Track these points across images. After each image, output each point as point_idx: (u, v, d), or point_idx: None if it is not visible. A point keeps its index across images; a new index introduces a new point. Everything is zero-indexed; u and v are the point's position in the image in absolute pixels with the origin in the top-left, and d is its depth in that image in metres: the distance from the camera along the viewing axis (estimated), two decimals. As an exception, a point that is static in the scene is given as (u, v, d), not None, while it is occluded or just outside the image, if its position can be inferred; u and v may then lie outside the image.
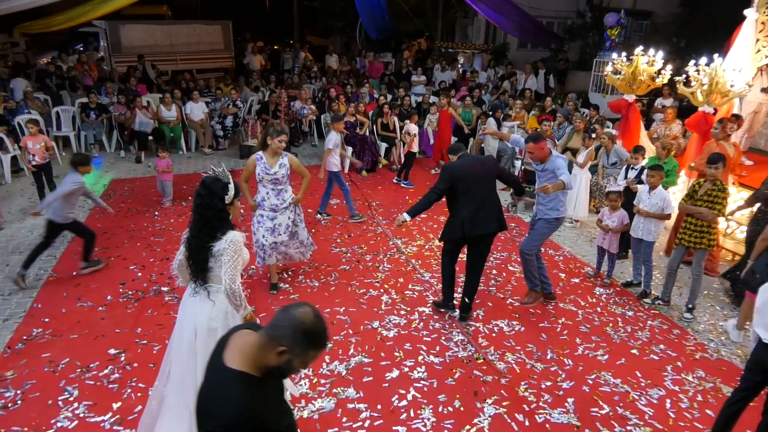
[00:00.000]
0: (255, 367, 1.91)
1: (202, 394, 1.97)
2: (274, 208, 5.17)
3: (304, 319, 1.90)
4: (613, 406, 3.99)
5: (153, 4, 18.81)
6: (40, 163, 7.17)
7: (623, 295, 5.69)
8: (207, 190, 3.05)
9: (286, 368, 1.93)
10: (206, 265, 3.06)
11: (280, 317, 1.93)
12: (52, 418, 3.64)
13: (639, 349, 4.72)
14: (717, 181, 4.98)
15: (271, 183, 5.10)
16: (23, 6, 9.99)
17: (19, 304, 5.08)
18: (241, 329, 2.06)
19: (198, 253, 3.05)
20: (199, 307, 3.11)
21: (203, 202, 3.04)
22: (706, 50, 7.19)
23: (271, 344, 1.89)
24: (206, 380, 2.01)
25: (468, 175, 4.71)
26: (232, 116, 11.08)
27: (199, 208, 3.05)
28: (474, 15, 19.61)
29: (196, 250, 3.06)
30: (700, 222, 5.04)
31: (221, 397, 1.87)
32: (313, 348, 1.93)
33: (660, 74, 7.31)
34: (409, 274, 5.99)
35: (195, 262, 3.07)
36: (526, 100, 11.26)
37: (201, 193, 3.06)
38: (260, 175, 5.06)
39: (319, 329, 1.93)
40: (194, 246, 3.07)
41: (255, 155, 5.08)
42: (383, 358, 4.44)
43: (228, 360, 1.93)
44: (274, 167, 5.04)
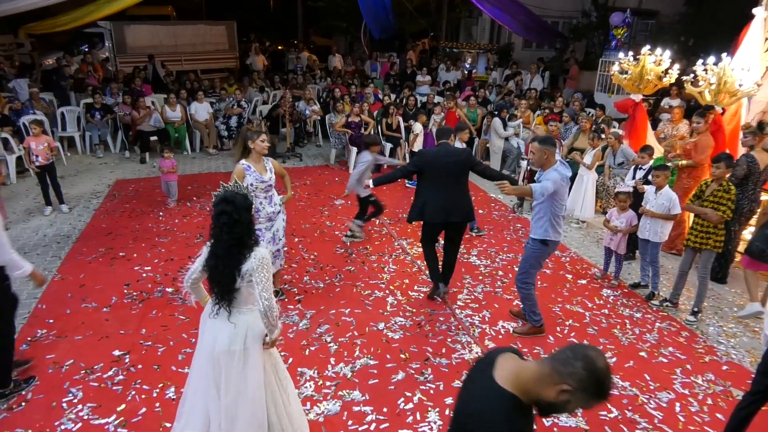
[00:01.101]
0: (525, 395, 1.81)
1: (468, 404, 1.89)
2: (271, 216, 4.88)
3: (599, 365, 1.75)
4: (622, 410, 3.94)
5: (158, 4, 18.83)
6: (43, 163, 7.15)
7: (631, 297, 5.64)
8: (232, 206, 2.82)
9: (560, 407, 1.80)
10: (234, 287, 2.88)
11: (570, 355, 1.78)
12: (56, 421, 3.62)
13: (647, 351, 4.67)
14: (723, 181, 4.93)
15: (264, 191, 4.76)
16: (29, 6, 10.00)
17: (24, 305, 5.05)
18: (504, 352, 1.93)
19: (226, 277, 2.85)
20: (219, 330, 2.95)
21: (231, 219, 2.80)
22: (713, 49, 7.13)
23: (552, 379, 1.76)
24: (472, 393, 1.91)
25: (439, 164, 5.00)
26: (236, 116, 11.07)
27: (227, 227, 2.81)
28: (479, 15, 19.57)
29: (224, 274, 2.86)
30: (706, 223, 4.98)
31: (487, 414, 1.79)
32: (597, 398, 1.78)
33: (667, 74, 7.24)
34: (415, 275, 5.95)
35: (222, 285, 2.88)
36: (531, 100, 11.22)
37: (227, 210, 2.81)
38: (254, 186, 4.64)
39: (609, 379, 1.79)
40: (222, 269, 2.85)
41: (241, 165, 4.61)
42: (389, 360, 4.41)
43: (500, 379, 1.82)
44: (265, 174, 4.71)
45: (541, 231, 4.47)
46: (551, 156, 4.37)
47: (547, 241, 4.47)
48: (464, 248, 6.64)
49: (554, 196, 4.34)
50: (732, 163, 5.09)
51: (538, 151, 4.37)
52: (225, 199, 2.84)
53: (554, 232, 4.47)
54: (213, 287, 2.93)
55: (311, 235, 6.92)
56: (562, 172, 4.32)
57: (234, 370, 2.94)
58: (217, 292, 2.91)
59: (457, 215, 5.05)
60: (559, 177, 4.30)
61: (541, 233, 4.47)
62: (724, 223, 4.96)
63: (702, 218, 5.00)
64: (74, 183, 8.63)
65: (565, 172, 4.35)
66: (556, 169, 4.32)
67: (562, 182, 4.32)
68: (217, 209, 2.84)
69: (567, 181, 4.40)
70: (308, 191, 8.60)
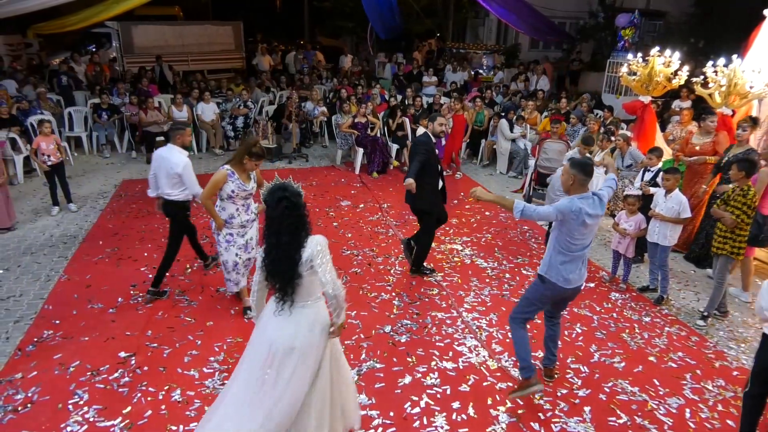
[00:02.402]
0: None
1: None
2: (245, 224, 4.75)
3: None
4: (631, 416, 3.90)
5: (165, 4, 18.90)
6: (54, 162, 7.22)
7: (639, 301, 5.59)
8: (288, 191, 2.91)
9: None
10: (296, 275, 2.90)
11: None
12: (61, 423, 3.61)
13: (657, 356, 4.63)
14: (744, 185, 4.85)
15: (243, 198, 4.67)
16: (38, 6, 10.03)
17: (30, 306, 5.07)
18: None
19: (288, 265, 2.89)
20: (281, 327, 2.98)
21: (290, 204, 2.88)
22: (723, 51, 7.06)
23: None
24: None
25: (431, 149, 5.51)
26: (243, 117, 11.07)
27: (288, 210, 2.87)
28: (485, 15, 19.52)
29: (285, 264, 2.89)
30: (725, 227, 4.93)
31: None
32: None
33: (676, 75, 7.19)
34: (421, 277, 5.92)
35: (284, 276, 2.91)
36: (539, 101, 11.16)
37: (285, 196, 2.89)
38: (234, 193, 4.56)
39: None
40: (282, 257, 2.89)
41: (224, 170, 4.52)
42: (395, 364, 4.38)
43: None
44: (248, 183, 4.63)
45: (542, 263, 3.89)
46: (577, 184, 3.67)
47: (543, 278, 3.83)
48: (470, 251, 6.63)
49: (561, 229, 3.70)
50: (753, 171, 5.01)
51: (565, 173, 3.72)
52: (279, 188, 2.92)
53: (554, 271, 3.76)
54: (275, 281, 2.95)
55: (317, 236, 6.89)
56: (578, 205, 3.58)
57: (288, 368, 2.96)
58: (280, 286, 2.93)
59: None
60: (570, 208, 3.58)
61: (541, 266, 3.88)
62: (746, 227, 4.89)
63: (722, 222, 4.94)
64: (81, 183, 8.64)
65: (583, 206, 3.58)
66: (574, 199, 3.63)
67: (572, 215, 3.58)
68: (274, 197, 2.89)
69: (584, 217, 3.58)
70: (314, 192, 8.58)
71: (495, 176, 10.02)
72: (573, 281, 3.78)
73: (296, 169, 9.94)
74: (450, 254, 6.50)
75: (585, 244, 3.75)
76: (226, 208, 4.66)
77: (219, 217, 4.66)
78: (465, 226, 7.44)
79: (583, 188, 3.68)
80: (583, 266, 3.83)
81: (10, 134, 8.45)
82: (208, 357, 4.36)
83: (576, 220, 3.60)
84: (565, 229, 3.68)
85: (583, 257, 3.81)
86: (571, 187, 3.70)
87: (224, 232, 4.71)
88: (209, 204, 4.61)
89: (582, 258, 3.79)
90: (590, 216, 3.63)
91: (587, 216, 3.61)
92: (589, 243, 3.78)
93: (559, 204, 3.63)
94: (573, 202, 3.59)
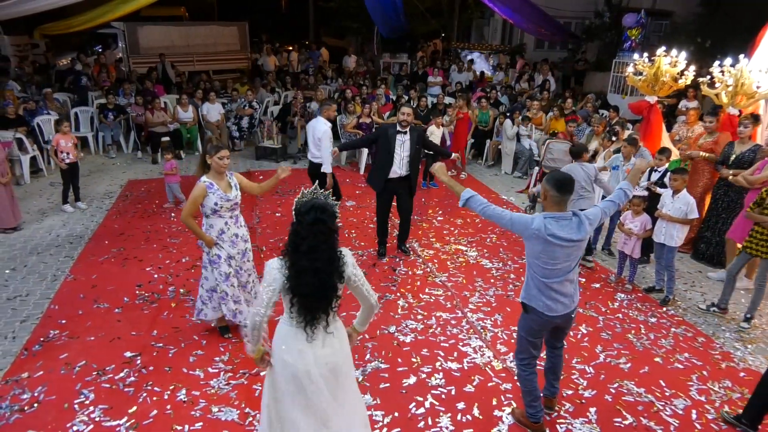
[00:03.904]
0: None
1: None
2: (234, 241, 4.36)
3: None
4: (637, 417, 3.88)
5: (170, 5, 18.95)
6: (72, 160, 7.33)
7: (645, 301, 5.57)
8: (324, 212, 2.58)
9: None
10: (338, 297, 2.71)
11: None
12: (68, 422, 3.62)
13: (663, 357, 4.60)
14: None
15: (230, 210, 4.28)
16: (45, 6, 10.07)
17: (37, 306, 5.09)
18: None
19: (332, 289, 2.65)
20: (317, 349, 2.69)
21: (327, 228, 2.60)
22: (730, 51, 7.03)
23: None
24: None
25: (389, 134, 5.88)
26: (248, 117, 11.10)
27: (324, 236, 2.58)
28: (490, 15, 19.51)
29: (329, 286, 2.63)
30: (765, 230, 4.89)
31: None
32: None
33: (683, 75, 7.16)
34: (426, 277, 5.91)
35: (327, 300, 2.66)
36: (544, 101, 11.13)
37: (322, 219, 2.57)
38: (218, 205, 4.18)
39: None
40: (328, 281, 2.61)
41: (202, 183, 4.15)
42: (400, 364, 4.37)
43: None
44: (230, 192, 4.25)
45: (522, 288, 3.43)
46: (550, 201, 3.20)
47: (525, 305, 3.38)
48: (475, 251, 6.61)
49: (527, 247, 3.26)
50: None
51: (542, 185, 3.26)
52: (318, 207, 2.58)
53: (534, 299, 3.30)
54: (308, 306, 2.62)
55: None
56: (542, 224, 3.10)
57: (341, 385, 2.79)
58: (315, 311, 2.64)
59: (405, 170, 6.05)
60: (528, 224, 3.14)
61: (522, 292, 3.42)
62: None
63: (763, 226, 4.89)
64: (87, 183, 8.67)
65: (551, 226, 3.10)
66: (541, 216, 3.15)
67: (531, 232, 3.13)
68: (310, 217, 2.57)
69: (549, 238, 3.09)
70: (319, 192, 8.57)
71: (500, 176, 10.00)
72: (558, 309, 3.29)
73: (301, 169, 9.93)
74: (455, 254, 6.49)
75: (562, 269, 3.20)
76: (214, 224, 4.27)
77: (205, 234, 4.26)
78: (470, 226, 7.42)
79: (558, 207, 3.18)
80: (565, 296, 3.28)
81: (16, 134, 8.50)
82: (214, 357, 4.37)
83: (538, 240, 3.13)
84: (530, 248, 3.23)
85: (567, 282, 3.27)
86: (545, 202, 3.26)
87: (212, 252, 4.30)
88: (190, 222, 4.18)
89: (564, 284, 3.26)
90: (559, 239, 3.10)
91: (555, 238, 3.09)
92: (570, 269, 3.23)
93: (517, 215, 3.21)
94: (536, 219, 3.13)
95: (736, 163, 5.97)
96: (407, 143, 5.92)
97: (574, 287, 3.34)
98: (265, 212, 7.62)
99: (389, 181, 6.04)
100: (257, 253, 6.28)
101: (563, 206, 3.18)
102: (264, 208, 7.77)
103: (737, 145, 6.08)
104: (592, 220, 3.22)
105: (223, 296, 4.37)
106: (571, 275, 3.27)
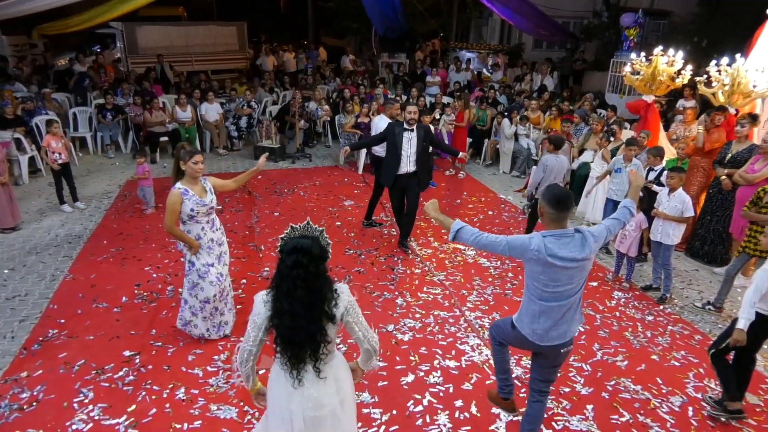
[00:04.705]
0: None
1: None
2: (212, 245, 4.36)
3: None
4: (634, 414, 3.90)
5: (169, 5, 18.94)
6: (65, 161, 7.34)
7: (642, 299, 5.59)
8: (308, 257, 2.36)
9: None
10: (328, 339, 2.46)
11: None
12: (67, 421, 3.64)
13: (660, 354, 4.63)
14: None
15: (206, 215, 4.27)
16: (44, 6, 10.07)
17: (36, 305, 5.10)
18: None
19: (317, 333, 2.41)
20: (307, 396, 2.47)
21: (308, 273, 2.36)
22: (727, 50, 7.05)
23: None
24: None
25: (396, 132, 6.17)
26: (246, 117, 11.11)
27: (303, 282, 2.35)
28: (489, 15, 19.52)
29: (312, 331, 2.40)
30: (759, 229, 4.90)
31: None
32: None
33: (680, 74, 7.19)
34: (424, 276, 5.93)
35: (311, 345, 2.42)
36: (542, 101, 11.15)
37: (303, 263, 2.35)
38: (195, 211, 4.15)
39: None
40: (308, 327, 2.39)
41: (177, 190, 4.11)
42: (398, 362, 4.39)
43: None
44: (205, 197, 4.22)
45: (518, 311, 3.17)
46: (547, 219, 2.94)
47: (513, 324, 3.16)
48: (473, 250, 6.63)
49: (526, 269, 2.99)
50: None
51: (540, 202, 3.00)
52: (301, 250, 2.36)
53: (524, 322, 3.06)
54: (291, 349, 2.43)
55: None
56: (541, 243, 2.83)
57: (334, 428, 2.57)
58: (298, 355, 2.43)
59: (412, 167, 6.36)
60: (527, 245, 2.87)
61: (516, 314, 3.17)
62: None
63: (760, 225, 4.90)
64: (86, 183, 8.68)
65: (550, 245, 2.83)
66: (539, 235, 2.89)
67: (531, 254, 2.85)
68: (290, 260, 2.36)
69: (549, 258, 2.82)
70: (317, 192, 8.60)
71: (498, 176, 10.01)
72: (547, 338, 3.00)
73: (300, 168, 9.97)
74: (453, 253, 6.51)
75: (563, 293, 2.91)
76: (191, 230, 4.25)
77: (191, 238, 4.25)
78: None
79: (557, 224, 2.91)
80: (564, 322, 2.98)
81: (15, 135, 8.51)
82: (212, 356, 4.38)
83: (538, 261, 2.86)
84: (530, 269, 2.96)
85: (566, 309, 2.96)
86: (542, 219, 3.01)
87: (189, 259, 4.32)
88: (176, 230, 4.17)
89: (563, 310, 2.95)
90: (561, 259, 2.82)
91: (556, 258, 2.82)
92: (573, 293, 2.94)
93: (513, 238, 2.93)
94: (534, 239, 2.86)
95: (732, 162, 6.01)
96: (414, 140, 6.16)
97: (573, 315, 3.02)
98: (264, 212, 7.63)
99: (399, 177, 6.30)
100: (255, 253, 6.32)
101: (563, 223, 2.91)
102: (263, 208, 7.78)
103: (734, 144, 6.11)
104: (597, 237, 2.92)
105: (213, 311, 4.47)
106: (573, 300, 2.96)
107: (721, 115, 6.51)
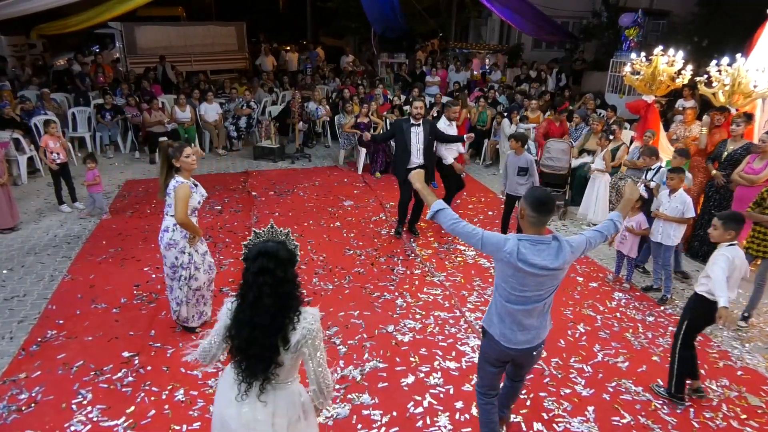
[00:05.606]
0: None
1: None
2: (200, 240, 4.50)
3: None
4: (635, 415, 3.88)
5: (168, 5, 18.93)
6: (63, 161, 7.32)
7: (643, 300, 5.58)
8: (275, 261, 2.22)
9: None
10: (278, 362, 2.26)
11: None
12: (65, 422, 3.62)
13: (660, 356, 4.61)
14: None
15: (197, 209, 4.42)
16: (42, 6, 10.06)
17: (34, 306, 5.08)
18: None
19: (269, 350, 2.23)
20: (249, 418, 2.31)
21: (275, 279, 2.20)
22: (727, 50, 7.05)
23: None
24: None
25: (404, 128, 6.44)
26: (246, 117, 11.09)
27: (269, 288, 2.19)
28: (488, 15, 19.50)
29: (266, 347, 2.23)
30: (762, 230, 4.88)
31: None
32: None
33: (680, 75, 7.18)
34: (424, 276, 5.91)
35: (262, 361, 2.24)
36: (542, 101, 11.13)
37: (268, 267, 2.20)
38: (199, 203, 4.36)
39: None
40: (263, 341, 2.22)
41: (185, 185, 4.16)
42: (398, 364, 4.37)
43: None
44: (202, 189, 4.41)
45: (486, 313, 3.14)
46: (526, 222, 2.85)
47: (484, 330, 3.11)
48: (473, 250, 6.62)
49: (496, 267, 2.95)
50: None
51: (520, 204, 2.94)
52: (266, 254, 2.22)
53: (494, 324, 3.01)
54: (245, 361, 2.27)
55: (320, 236, 6.89)
56: (515, 246, 2.74)
57: None
58: (251, 368, 2.26)
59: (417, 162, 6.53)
60: (499, 245, 2.78)
61: (484, 315, 3.15)
62: None
63: (764, 226, 4.89)
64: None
65: (523, 250, 2.74)
66: (515, 237, 2.80)
67: (503, 255, 2.77)
68: (255, 266, 2.22)
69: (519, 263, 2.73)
70: (317, 192, 8.59)
71: (498, 176, 9.98)
72: (515, 342, 2.95)
73: (299, 169, 9.95)
74: (453, 254, 6.49)
75: (530, 298, 2.84)
76: None
77: (197, 227, 4.37)
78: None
79: (535, 229, 2.81)
80: (527, 329, 2.93)
81: (13, 135, 8.49)
82: (212, 357, 4.36)
83: (508, 264, 2.78)
84: (500, 269, 2.89)
85: (533, 314, 2.91)
86: (521, 221, 2.90)
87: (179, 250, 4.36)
88: (189, 222, 4.23)
89: (529, 315, 2.90)
90: (532, 265, 2.73)
91: (526, 264, 2.73)
92: (541, 299, 2.87)
93: (489, 234, 2.83)
94: (510, 240, 2.77)
95: (728, 161, 6.00)
96: (421, 134, 6.45)
97: (541, 321, 2.97)
98: (264, 212, 7.61)
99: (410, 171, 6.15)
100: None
101: (541, 228, 2.82)
102: (262, 209, 7.76)
103: (730, 142, 6.10)
104: (575, 248, 2.82)
105: (200, 298, 4.62)
106: (540, 306, 2.88)
107: (721, 115, 6.50)
